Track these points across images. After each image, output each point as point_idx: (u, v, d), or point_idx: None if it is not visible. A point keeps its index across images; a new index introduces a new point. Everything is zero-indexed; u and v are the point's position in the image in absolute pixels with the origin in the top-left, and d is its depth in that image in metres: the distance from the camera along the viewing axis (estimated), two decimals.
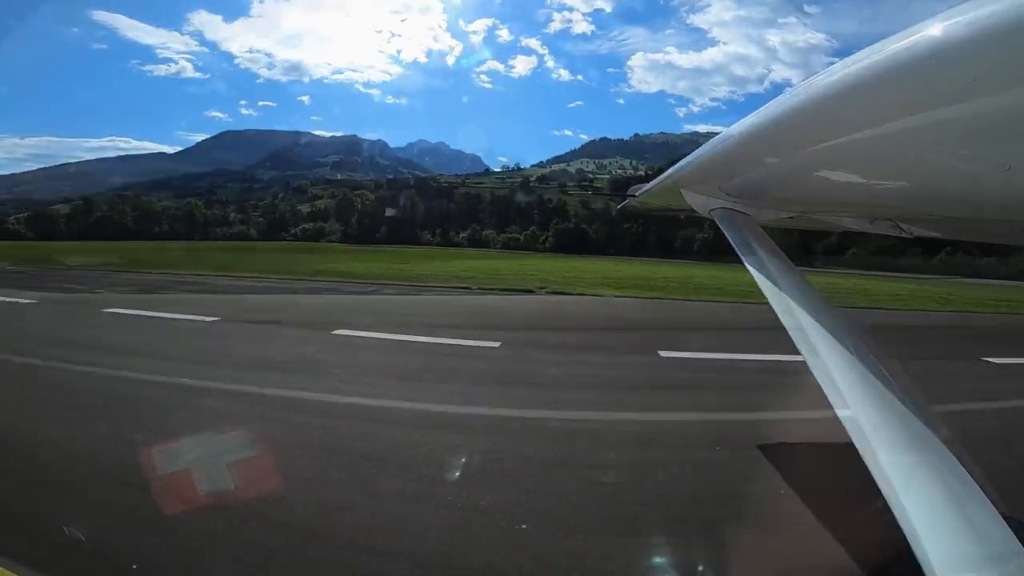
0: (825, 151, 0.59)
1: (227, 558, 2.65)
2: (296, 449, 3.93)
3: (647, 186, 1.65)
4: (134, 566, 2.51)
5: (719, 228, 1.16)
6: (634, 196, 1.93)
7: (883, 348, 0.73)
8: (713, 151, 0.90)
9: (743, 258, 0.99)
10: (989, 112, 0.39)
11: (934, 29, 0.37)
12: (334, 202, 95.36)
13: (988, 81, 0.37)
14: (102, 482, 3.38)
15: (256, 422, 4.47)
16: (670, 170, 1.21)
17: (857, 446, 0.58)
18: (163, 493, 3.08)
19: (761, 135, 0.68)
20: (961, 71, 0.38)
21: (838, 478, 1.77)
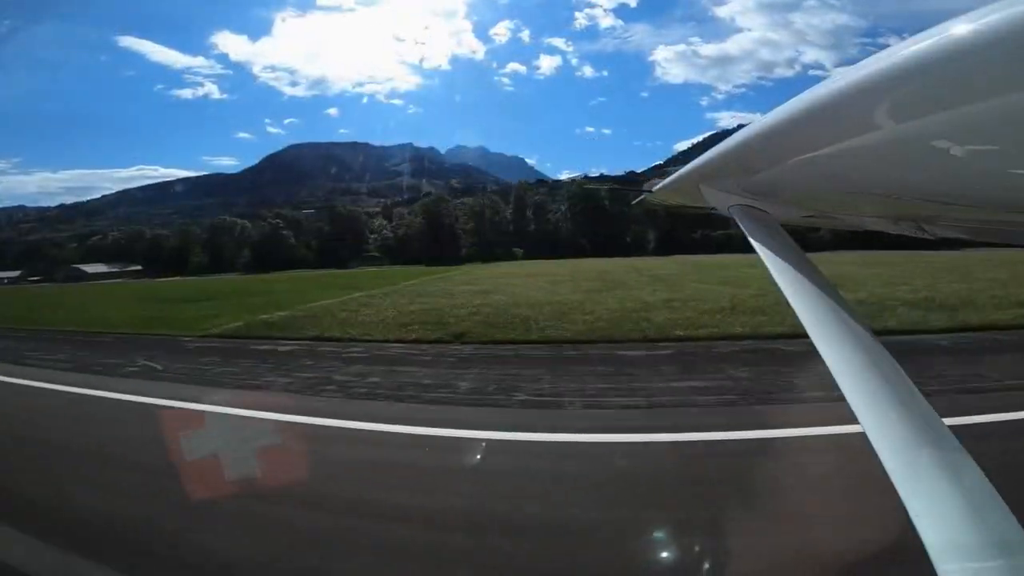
0: (846, 150, 0.57)
1: None
2: None
3: (664, 182, 1.57)
4: None
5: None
6: (651, 191, 1.89)
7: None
8: (734, 147, 0.84)
9: (762, 256, 0.93)
10: (1018, 109, 0.38)
11: (960, 25, 0.37)
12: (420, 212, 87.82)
13: (1017, 77, 0.36)
14: None
15: None
16: (689, 165, 1.15)
17: (871, 438, 0.59)
18: None
19: (781, 132, 0.65)
20: (988, 67, 0.37)
21: None
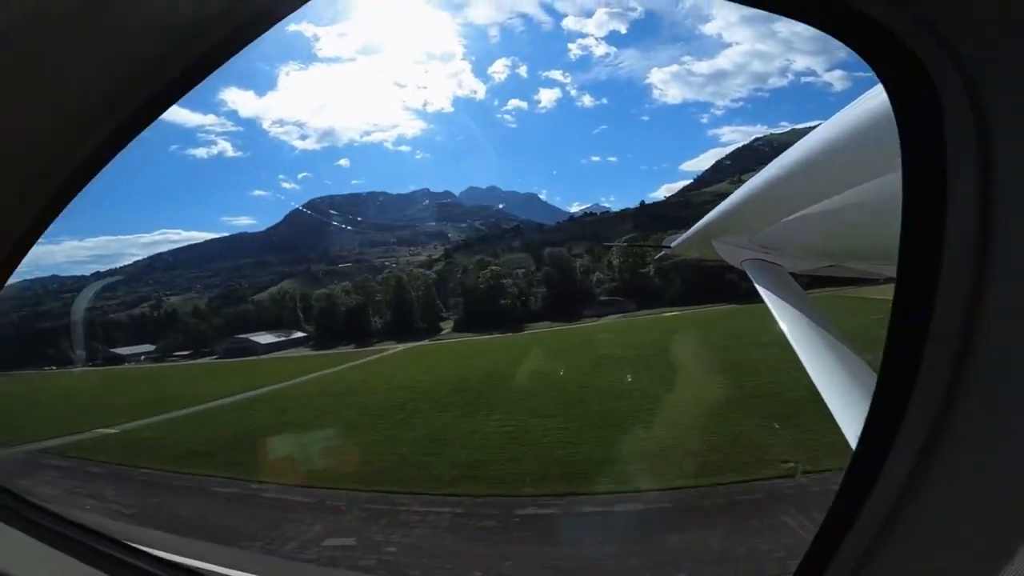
0: (850, 200, 0.62)
1: None
2: None
3: (681, 238, 1.05)
4: None
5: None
6: (669, 247, 1.35)
7: None
8: (740, 202, 0.74)
9: (772, 309, 1.04)
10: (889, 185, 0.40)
11: (850, 112, 0.45)
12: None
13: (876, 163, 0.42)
14: None
15: None
16: (703, 221, 0.81)
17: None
18: None
19: (785, 185, 0.66)
20: (864, 152, 0.42)
21: None
